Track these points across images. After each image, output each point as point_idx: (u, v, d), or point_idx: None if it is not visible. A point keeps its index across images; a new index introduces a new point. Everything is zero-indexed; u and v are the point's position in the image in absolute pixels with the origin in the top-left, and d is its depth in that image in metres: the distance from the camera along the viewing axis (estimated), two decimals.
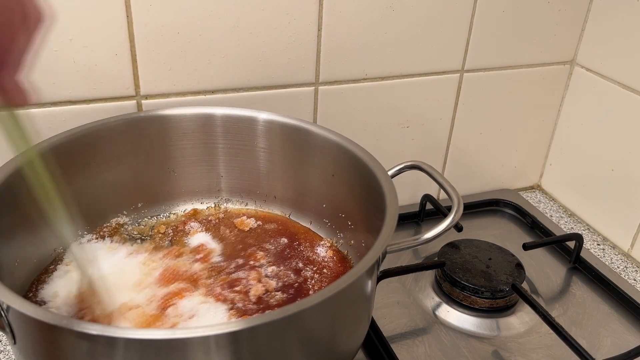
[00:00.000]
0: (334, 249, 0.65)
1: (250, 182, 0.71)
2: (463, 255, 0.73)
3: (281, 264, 0.63)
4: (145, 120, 0.66)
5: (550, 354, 0.64)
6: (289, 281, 0.60)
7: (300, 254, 0.65)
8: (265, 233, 0.68)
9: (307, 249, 0.65)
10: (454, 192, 0.59)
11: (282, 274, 0.61)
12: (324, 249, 0.65)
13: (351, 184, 0.63)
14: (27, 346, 0.44)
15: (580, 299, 0.73)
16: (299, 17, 0.71)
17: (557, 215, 0.93)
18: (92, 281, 0.52)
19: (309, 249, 0.65)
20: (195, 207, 0.71)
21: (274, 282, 0.59)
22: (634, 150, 0.80)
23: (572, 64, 0.89)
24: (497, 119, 0.89)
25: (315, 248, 0.65)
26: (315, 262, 0.63)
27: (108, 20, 0.64)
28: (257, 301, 0.57)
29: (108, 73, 0.66)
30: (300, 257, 0.64)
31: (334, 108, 0.78)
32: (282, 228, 0.69)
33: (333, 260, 0.64)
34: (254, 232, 0.68)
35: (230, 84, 0.72)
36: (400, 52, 0.78)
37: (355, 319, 0.51)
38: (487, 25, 0.80)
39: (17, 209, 0.54)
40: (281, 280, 0.60)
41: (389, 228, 0.50)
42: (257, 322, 0.40)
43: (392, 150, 0.85)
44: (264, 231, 0.68)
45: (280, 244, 0.66)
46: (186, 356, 0.40)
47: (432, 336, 0.66)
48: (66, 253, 0.61)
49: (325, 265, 0.63)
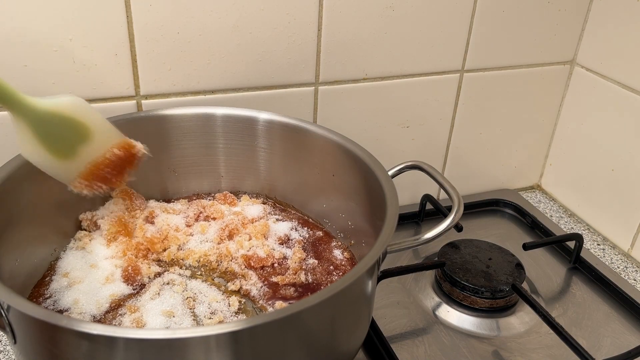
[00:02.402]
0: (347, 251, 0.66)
1: (251, 182, 0.71)
2: (463, 255, 0.73)
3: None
4: (145, 120, 0.66)
5: (550, 354, 0.64)
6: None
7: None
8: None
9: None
10: (454, 192, 0.59)
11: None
12: (339, 250, 0.65)
13: (351, 184, 0.63)
14: (27, 346, 0.44)
15: (580, 299, 0.73)
16: (299, 17, 0.71)
17: (557, 215, 0.93)
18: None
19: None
20: None
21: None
22: (634, 150, 0.80)
23: (572, 64, 0.89)
24: (497, 119, 0.89)
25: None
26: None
27: (108, 20, 0.64)
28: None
29: (108, 73, 0.66)
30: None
31: (334, 108, 0.78)
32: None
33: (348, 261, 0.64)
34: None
35: (230, 84, 0.72)
36: (400, 52, 0.78)
37: (356, 319, 0.51)
38: (487, 25, 0.80)
39: (17, 209, 0.54)
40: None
41: (389, 228, 0.50)
42: (257, 322, 0.40)
43: (392, 150, 0.85)
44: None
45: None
46: (186, 356, 0.40)
47: (432, 336, 0.66)
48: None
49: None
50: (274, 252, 0.62)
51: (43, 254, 0.59)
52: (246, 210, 0.68)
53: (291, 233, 0.66)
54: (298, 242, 0.65)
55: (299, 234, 0.66)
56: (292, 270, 0.60)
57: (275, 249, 0.63)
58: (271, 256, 0.61)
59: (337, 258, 0.64)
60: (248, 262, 0.60)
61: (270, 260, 0.61)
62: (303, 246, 0.64)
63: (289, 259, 0.62)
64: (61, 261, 0.60)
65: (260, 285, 0.59)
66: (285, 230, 0.66)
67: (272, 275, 0.60)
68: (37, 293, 0.56)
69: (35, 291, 0.57)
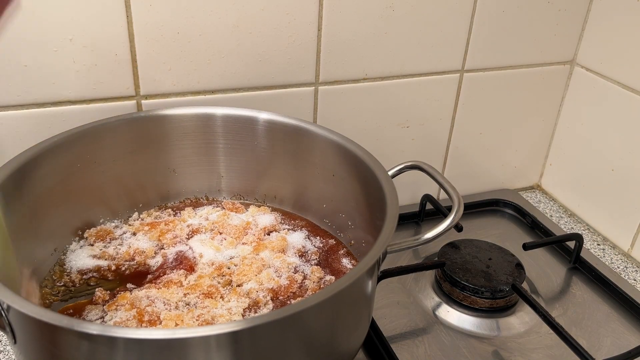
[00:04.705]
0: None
1: (251, 182, 0.71)
2: (463, 255, 0.73)
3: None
4: (145, 120, 0.66)
5: (550, 354, 0.64)
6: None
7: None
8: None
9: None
10: (454, 192, 0.59)
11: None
12: (347, 259, 0.65)
13: (351, 184, 0.63)
14: (27, 346, 0.44)
15: (580, 299, 0.73)
16: (299, 17, 0.71)
17: (557, 215, 0.93)
18: None
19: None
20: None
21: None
22: (634, 150, 0.80)
23: (572, 64, 0.89)
24: (497, 119, 0.89)
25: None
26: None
27: (108, 19, 0.64)
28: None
29: (108, 73, 0.66)
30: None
31: (334, 108, 0.78)
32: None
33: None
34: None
35: (230, 84, 0.72)
36: (400, 52, 0.78)
37: (356, 319, 0.51)
38: (487, 25, 0.80)
39: (16, 209, 0.54)
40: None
41: (390, 228, 0.50)
42: (257, 322, 0.40)
43: (392, 150, 0.85)
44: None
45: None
46: (186, 356, 0.40)
47: (432, 336, 0.66)
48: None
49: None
50: (295, 275, 0.60)
51: (43, 253, 0.59)
52: (257, 219, 0.67)
53: (306, 244, 0.65)
54: (314, 254, 0.64)
55: (313, 245, 0.66)
56: (311, 290, 0.59)
57: (297, 264, 0.62)
58: (294, 281, 0.59)
59: (346, 268, 0.63)
60: (275, 295, 0.58)
61: (294, 286, 0.59)
62: (318, 260, 0.63)
63: (308, 278, 0.60)
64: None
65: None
66: (300, 241, 0.65)
67: (291, 298, 0.58)
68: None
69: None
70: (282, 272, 0.60)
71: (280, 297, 0.57)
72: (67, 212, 0.62)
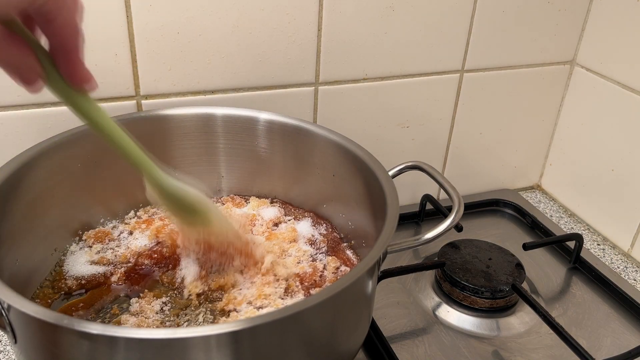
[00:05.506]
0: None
1: (251, 182, 0.71)
2: (463, 255, 0.73)
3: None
4: (145, 120, 0.66)
5: (550, 354, 0.64)
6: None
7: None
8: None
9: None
10: (454, 192, 0.59)
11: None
12: (350, 251, 0.66)
13: (351, 184, 0.63)
14: (27, 345, 0.44)
15: (580, 299, 0.73)
16: (299, 17, 0.71)
17: (557, 215, 0.93)
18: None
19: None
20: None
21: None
22: (634, 150, 0.80)
23: (572, 64, 0.89)
24: (497, 119, 0.89)
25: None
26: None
27: (108, 20, 0.64)
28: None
29: (108, 73, 0.66)
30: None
31: (334, 108, 0.78)
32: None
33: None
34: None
35: (230, 84, 0.72)
36: (400, 52, 0.78)
37: (356, 319, 0.51)
38: (487, 25, 0.80)
39: (17, 208, 0.54)
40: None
41: (390, 228, 0.50)
42: (257, 322, 0.40)
43: (392, 150, 0.85)
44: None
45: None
46: (186, 356, 0.40)
47: (432, 336, 0.66)
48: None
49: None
50: (316, 264, 0.61)
51: (43, 253, 0.59)
52: (261, 212, 0.68)
53: (314, 232, 0.66)
54: (322, 242, 0.64)
55: (319, 232, 0.66)
56: (329, 281, 0.59)
57: (312, 252, 0.63)
58: (316, 269, 0.60)
59: (352, 260, 0.63)
60: (301, 281, 0.59)
61: (317, 274, 0.60)
62: (327, 247, 0.64)
63: (326, 269, 0.61)
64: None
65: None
66: (308, 229, 0.66)
67: (313, 287, 0.59)
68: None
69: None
70: (302, 260, 0.61)
71: (305, 282, 0.59)
72: (67, 212, 0.62)
